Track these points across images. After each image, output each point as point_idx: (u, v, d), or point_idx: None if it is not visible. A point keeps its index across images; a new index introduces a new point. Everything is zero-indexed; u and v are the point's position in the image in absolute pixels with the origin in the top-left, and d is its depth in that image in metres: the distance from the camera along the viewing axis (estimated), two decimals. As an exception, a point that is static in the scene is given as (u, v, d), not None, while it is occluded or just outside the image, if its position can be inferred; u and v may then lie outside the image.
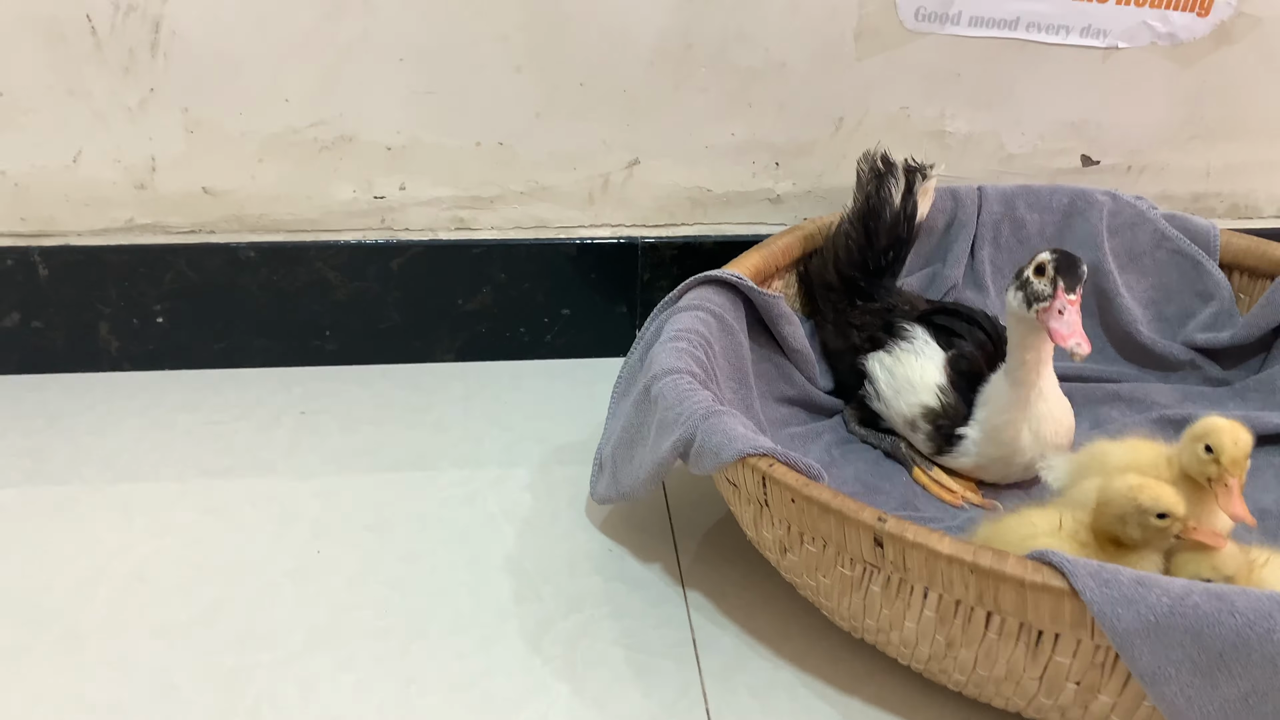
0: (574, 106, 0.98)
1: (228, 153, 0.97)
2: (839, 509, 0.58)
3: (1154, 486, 0.61)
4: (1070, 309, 0.72)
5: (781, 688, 0.67)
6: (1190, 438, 0.65)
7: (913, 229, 0.91)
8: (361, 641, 0.70)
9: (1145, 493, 0.61)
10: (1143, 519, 0.60)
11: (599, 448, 0.82)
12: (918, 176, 0.91)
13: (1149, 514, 0.60)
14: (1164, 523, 0.60)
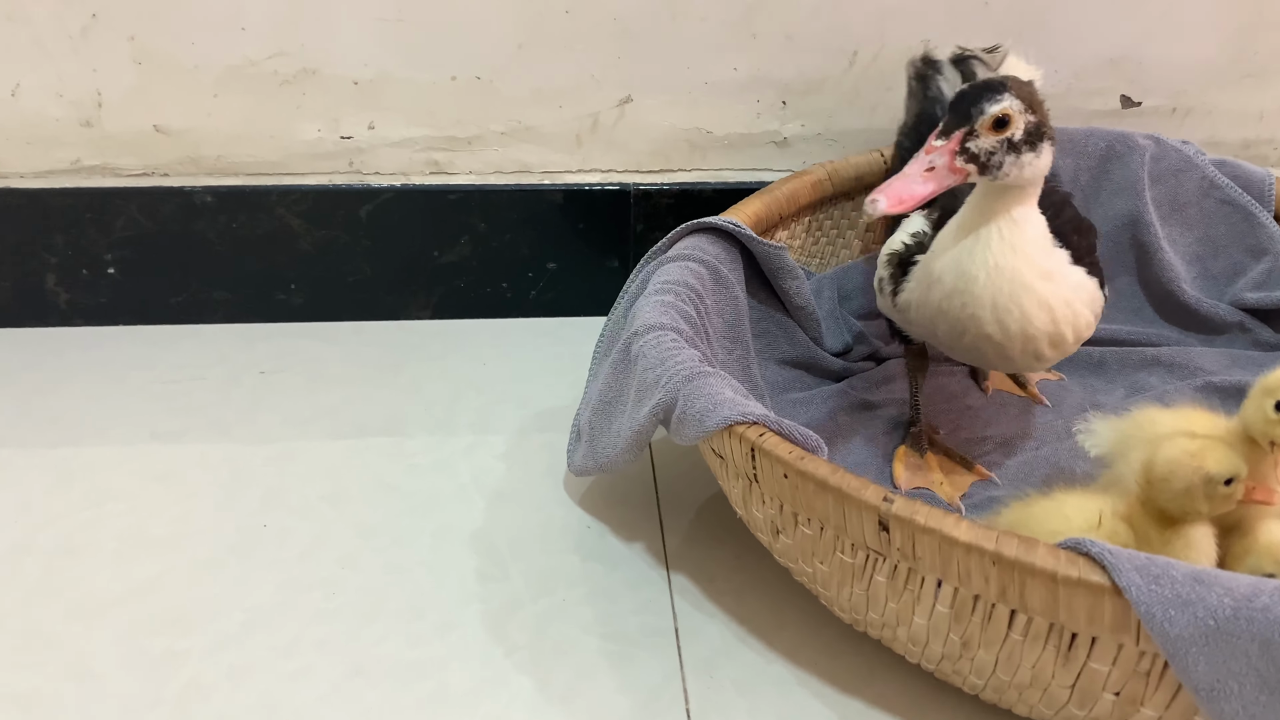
0: (560, 37, 0.89)
1: (180, 87, 0.88)
2: (838, 486, 0.50)
3: (1217, 447, 0.53)
4: (923, 158, 0.58)
5: (772, 683, 0.60)
6: (1262, 390, 0.56)
7: None
8: (305, 625, 0.63)
9: (1211, 456, 0.52)
10: (1211, 488, 0.52)
11: (577, 414, 0.74)
12: (975, 64, 0.77)
13: (1217, 481, 0.52)
14: (1231, 489, 0.52)
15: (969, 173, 0.59)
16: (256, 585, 0.66)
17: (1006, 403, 0.81)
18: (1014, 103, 0.58)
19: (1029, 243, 0.61)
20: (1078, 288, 0.63)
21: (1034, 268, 0.61)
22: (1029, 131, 0.59)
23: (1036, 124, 0.59)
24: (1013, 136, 0.58)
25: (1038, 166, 0.60)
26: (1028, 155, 0.59)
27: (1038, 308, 0.61)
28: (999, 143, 0.58)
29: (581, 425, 0.72)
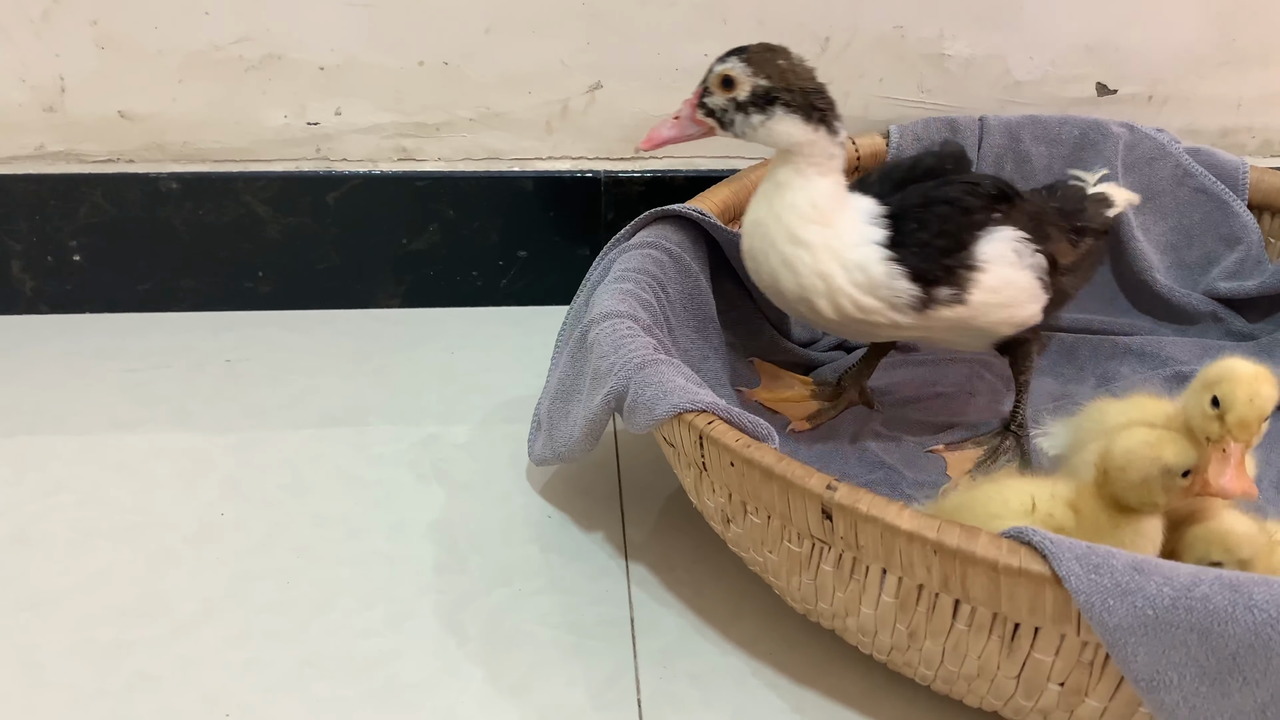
0: (528, 21, 0.88)
1: (144, 72, 0.87)
2: (782, 474, 0.49)
3: (1175, 439, 0.52)
4: (679, 108, 0.65)
5: (727, 675, 0.59)
6: (1201, 383, 0.55)
7: None
8: (257, 615, 0.63)
9: (1170, 448, 0.51)
10: (1169, 480, 0.51)
11: (538, 403, 0.73)
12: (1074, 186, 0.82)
13: (1175, 473, 0.51)
14: (1188, 480, 0.51)
15: (710, 126, 0.65)
16: (210, 576, 0.65)
17: (978, 391, 0.81)
18: (740, 66, 0.62)
19: (787, 207, 0.64)
20: (849, 266, 0.63)
21: (783, 230, 0.64)
22: (756, 95, 0.62)
23: (767, 89, 0.62)
24: (738, 97, 0.63)
25: (775, 131, 0.63)
26: (756, 117, 0.63)
27: (783, 267, 0.64)
28: (728, 101, 0.63)
29: (541, 414, 0.71)
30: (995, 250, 0.65)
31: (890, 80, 0.92)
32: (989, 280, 0.64)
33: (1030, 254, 0.66)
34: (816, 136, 0.63)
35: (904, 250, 0.63)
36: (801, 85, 0.63)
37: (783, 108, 0.62)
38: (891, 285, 0.63)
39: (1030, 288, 0.67)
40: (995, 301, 0.65)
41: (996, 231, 0.65)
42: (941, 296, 0.64)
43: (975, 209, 0.65)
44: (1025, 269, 0.66)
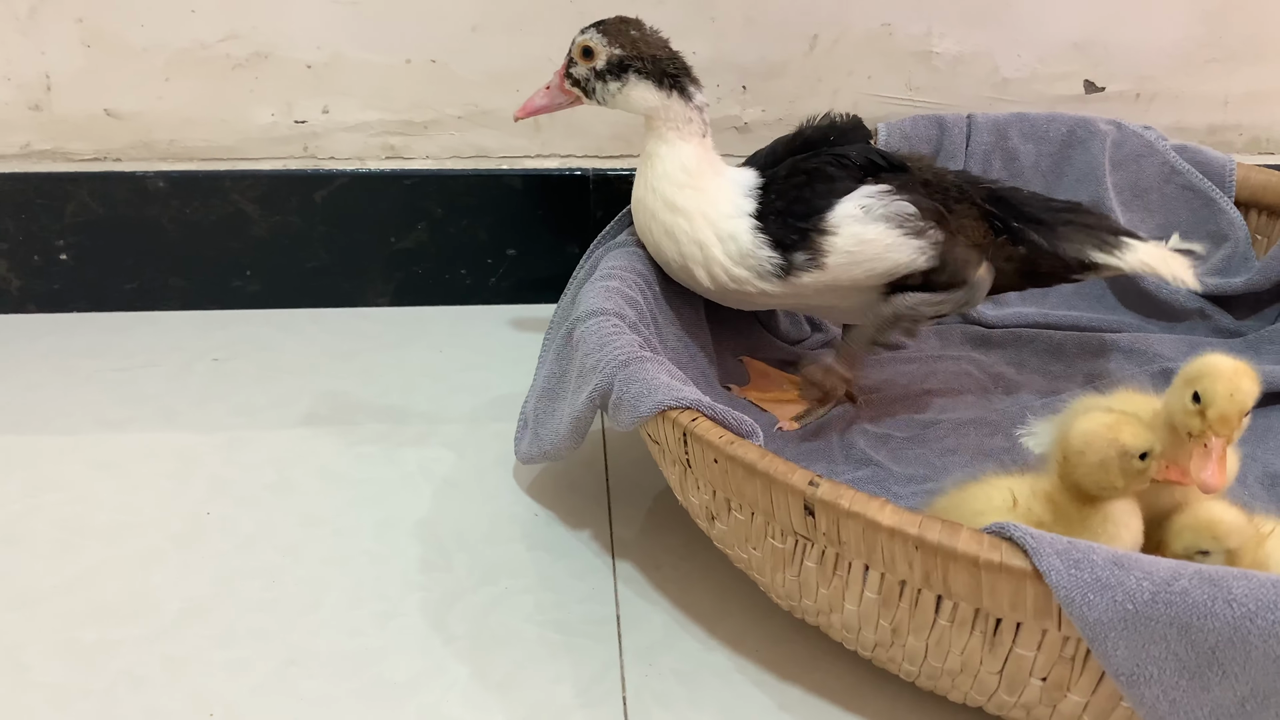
0: (515, 18, 0.88)
1: (131, 70, 0.87)
2: (765, 471, 0.49)
3: (1132, 422, 0.52)
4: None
5: (712, 671, 0.59)
6: (1183, 380, 0.55)
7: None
8: (243, 615, 0.62)
9: (1127, 430, 0.51)
10: (1126, 462, 0.51)
11: (525, 401, 0.73)
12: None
13: (1132, 455, 0.51)
14: (1145, 464, 0.51)
15: (576, 95, 0.70)
16: (196, 575, 0.65)
17: (965, 389, 0.81)
18: (597, 36, 0.68)
19: (659, 176, 0.68)
20: (723, 236, 0.66)
21: (659, 200, 0.67)
22: (611, 63, 0.67)
23: (621, 57, 0.67)
24: (596, 65, 0.68)
25: (630, 97, 0.68)
26: (613, 84, 0.68)
27: (665, 237, 0.68)
28: (589, 70, 0.68)
29: (528, 413, 0.71)
30: (844, 210, 0.66)
31: (879, 78, 0.92)
32: (841, 242, 0.66)
33: (885, 205, 0.66)
34: (670, 101, 0.67)
35: (767, 220, 0.66)
36: (653, 53, 0.67)
37: (635, 74, 0.67)
38: (756, 254, 0.66)
39: (886, 239, 0.66)
40: (852, 260, 0.66)
41: (851, 195, 0.66)
42: (799, 262, 0.66)
43: (836, 177, 0.67)
44: (876, 221, 0.66)
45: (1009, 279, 0.72)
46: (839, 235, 0.65)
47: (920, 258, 0.67)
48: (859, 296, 0.69)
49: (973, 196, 0.71)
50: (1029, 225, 0.70)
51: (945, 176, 0.71)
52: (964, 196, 0.70)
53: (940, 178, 0.71)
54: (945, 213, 0.68)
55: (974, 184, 0.72)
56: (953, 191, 0.70)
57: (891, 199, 0.66)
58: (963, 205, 0.70)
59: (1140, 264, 0.70)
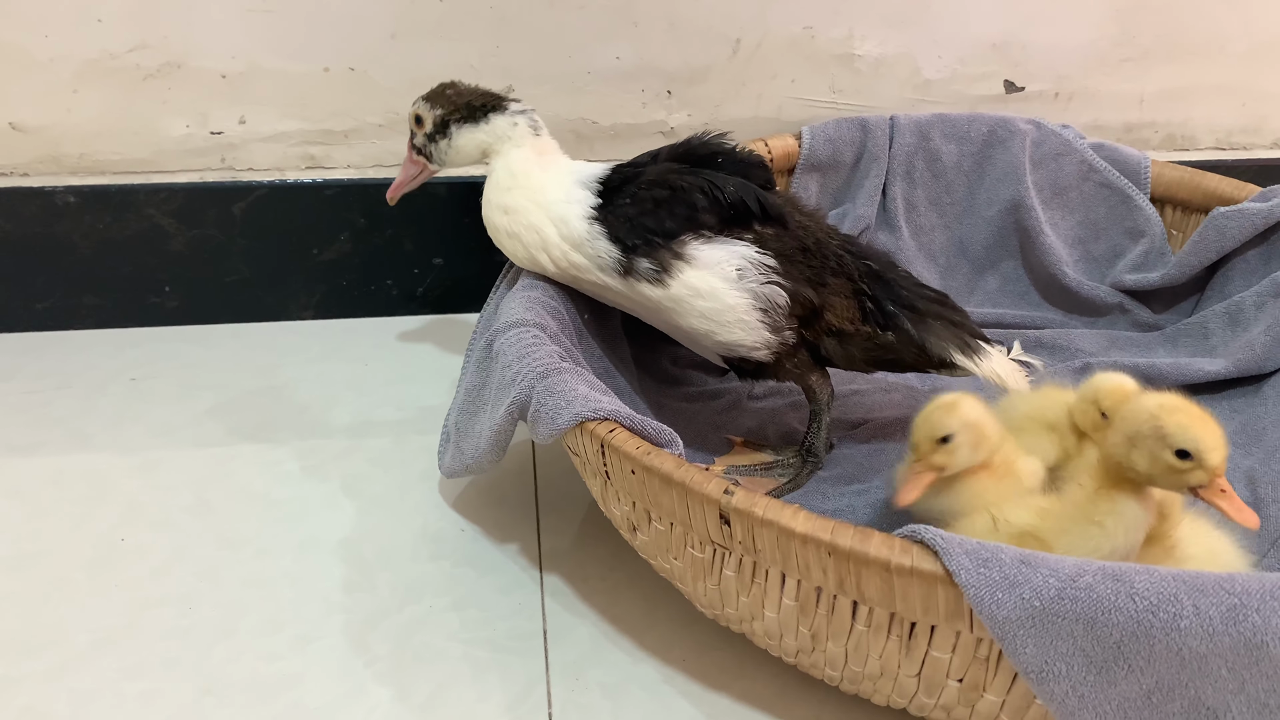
0: (434, 25, 0.86)
1: (37, 82, 0.84)
2: (681, 480, 0.48)
3: (1189, 415, 0.49)
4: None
5: (639, 684, 0.58)
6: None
7: None
8: (157, 643, 0.60)
9: (1173, 418, 0.49)
10: (1157, 449, 0.49)
11: (447, 415, 0.72)
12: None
13: (1167, 445, 0.49)
14: (1182, 464, 0.49)
15: (423, 163, 0.74)
16: (107, 604, 0.63)
17: (892, 388, 0.81)
18: (423, 104, 0.72)
19: (490, 187, 0.70)
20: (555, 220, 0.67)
21: (493, 207, 0.69)
22: (436, 124, 0.71)
23: (441, 116, 0.71)
24: (428, 130, 0.72)
25: (459, 146, 0.71)
26: (442, 142, 0.71)
27: (506, 237, 0.69)
28: (425, 137, 0.72)
29: (450, 426, 0.70)
30: (715, 255, 0.63)
31: (802, 81, 0.93)
32: (694, 279, 0.63)
33: (760, 279, 0.63)
34: (490, 126, 0.70)
35: (609, 214, 0.65)
36: (465, 101, 0.71)
37: (455, 124, 0.71)
38: (593, 244, 0.65)
39: (744, 314, 0.63)
40: (698, 307, 0.64)
41: (730, 243, 0.64)
42: (641, 269, 0.64)
43: (700, 207, 0.64)
44: (743, 291, 0.63)
45: (859, 364, 0.69)
46: (695, 271, 0.63)
47: (761, 351, 0.65)
48: (713, 346, 0.67)
49: (851, 271, 0.67)
50: (903, 311, 0.67)
51: (829, 243, 0.67)
52: (842, 269, 0.67)
53: (823, 244, 0.67)
54: (815, 302, 0.65)
55: (856, 256, 0.68)
56: (832, 262, 0.66)
57: (768, 277, 0.63)
58: (839, 280, 0.66)
59: (991, 373, 0.67)
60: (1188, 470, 0.49)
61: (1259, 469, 0.69)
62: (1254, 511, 0.50)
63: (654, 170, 0.67)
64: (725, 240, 0.64)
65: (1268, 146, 1.02)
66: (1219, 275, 0.84)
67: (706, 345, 0.67)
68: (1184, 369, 0.78)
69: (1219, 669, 0.40)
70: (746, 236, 0.65)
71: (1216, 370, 0.77)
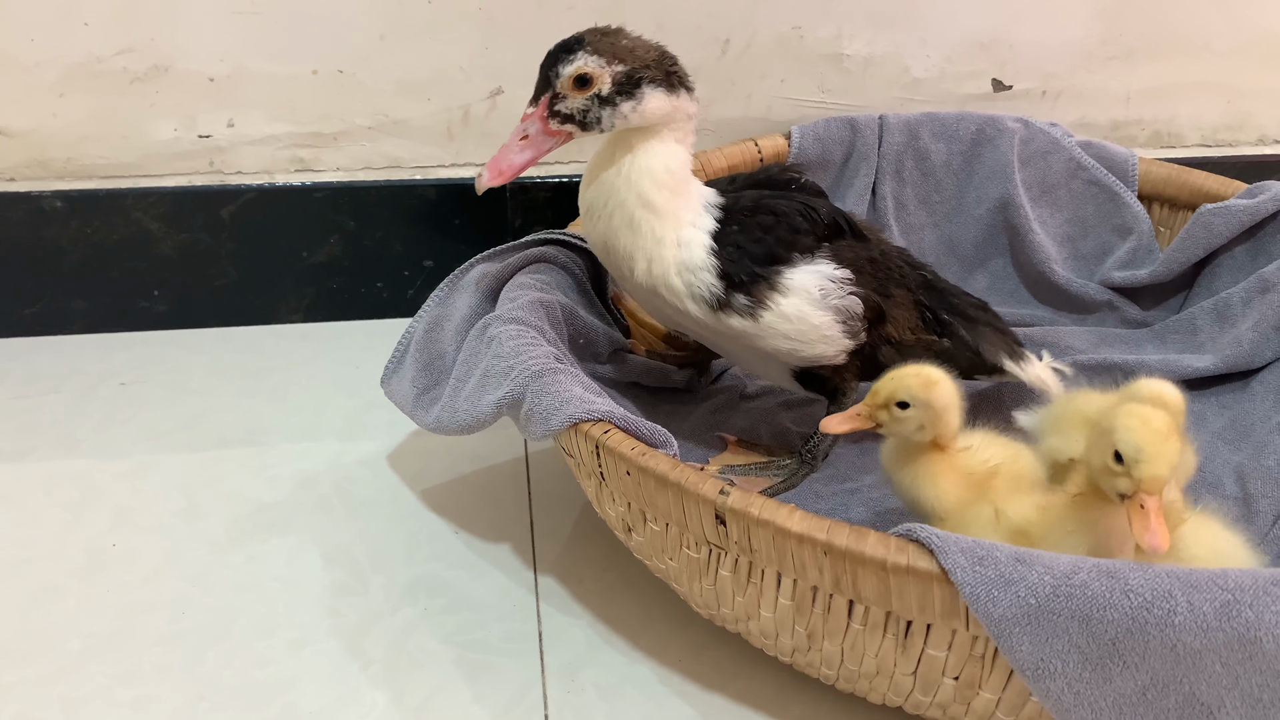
0: (423, 26, 0.86)
1: (22, 86, 0.84)
2: (677, 481, 0.48)
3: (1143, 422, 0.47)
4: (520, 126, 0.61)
5: (635, 684, 0.59)
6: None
7: None
8: (149, 649, 0.60)
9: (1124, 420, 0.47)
10: (1103, 446, 0.47)
11: (409, 328, 0.71)
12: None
13: (1110, 444, 0.47)
14: (1115, 467, 0.47)
15: (569, 133, 0.61)
16: (98, 610, 0.63)
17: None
18: (590, 59, 0.59)
19: (641, 171, 0.61)
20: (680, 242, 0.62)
21: (634, 193, 0.61)
22: (618, 83, 0.59)
23: (627, 73, 0.59)
24: (600, 91, 0.59)
25: (646, 112, 0.60)
26: (625, 105, 0.59)
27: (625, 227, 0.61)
28: (589, 100, 0.59)
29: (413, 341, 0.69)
30: (803, 280, 0.62)
31: (791, 81, 0.93)
32: (786, 306, 0.62)
33: (841, 295, 0.63)
34: (680, 103, 0.62)
35: (723, 246, 0.62)
36: (654, 58, 0.61)
37: (649, 85, 0.60)
38: (699, 275, 0.61)
39: (827, 330, 0.63)
40: (784, 330, 0.63)
41: (814, 263, 0.63)
42: (737, 304, 0.62)
43: (801, 229, 0.63)
44: (826, 310, 0.63)
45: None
46: (786, 299, 0.62)
47: (841, 357, 0.65)
48: (775, 368, 0.67)
49: (910, 281, 0.68)
50: (957, 319, 0.68)
51: (891, 256, 0.68)
52: (904, 280, 0.68)
53: (887, 257, 0.68)
54: (883, 308, 0.66)
55: (913, 267, 0.70)
56: (895, 274, 0.67)
57: (848, 290, 0.63)
58: (901, 291, 0.67)
59: (1036, 378, 0.68)
60: (1118, 475, 0.48)
61: (1248, 464, 0.70)
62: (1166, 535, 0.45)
63: (749, 195, 0.65)
64: (808, 261, 0.63)
65: (1253, 143, 1.03)
66: (1206, 272, 0.85)
67: (781, 362, 0.65)
68: (1173, 365, 0.78)
69: (1213, 664, 0.40)
70: (823, 254, 0.64)
71: (1205, 366, 0.78)
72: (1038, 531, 0.52)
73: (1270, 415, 0.72)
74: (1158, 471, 0.46)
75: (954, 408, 0.57)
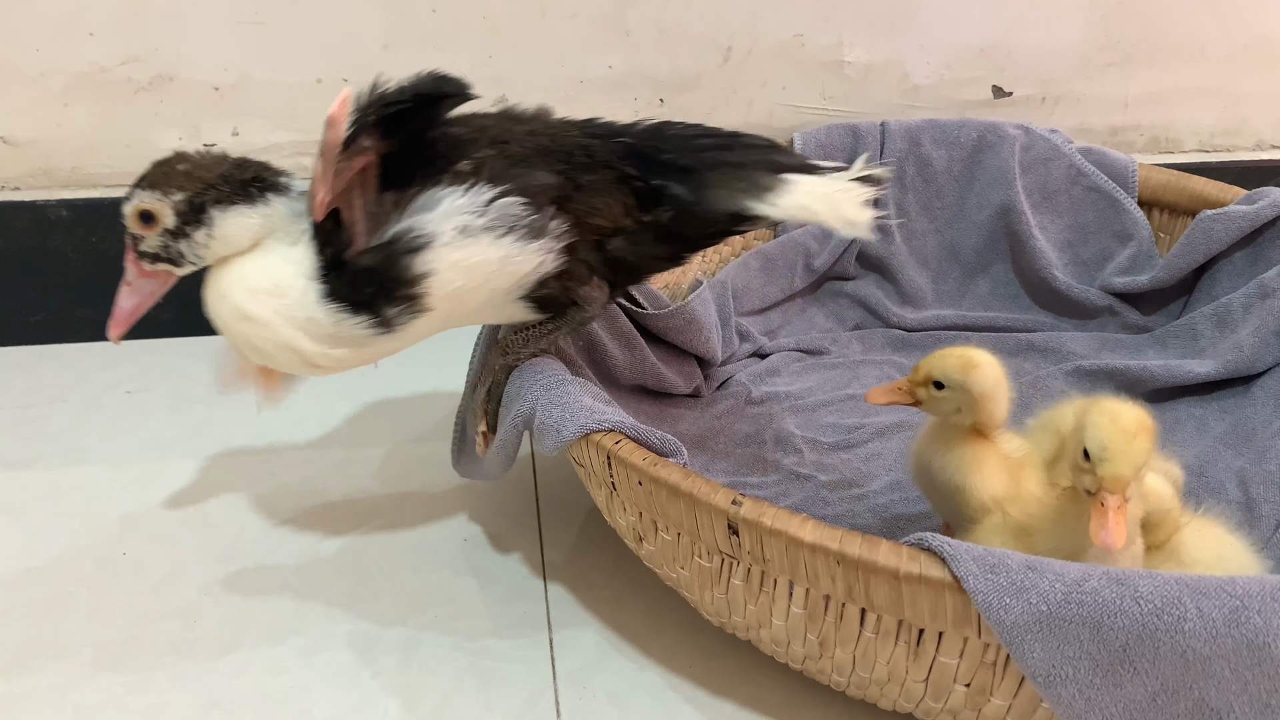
0: (427, 36, 0.86)
1: (27, 95, 0.84)
2: (689, 491, 0.49)
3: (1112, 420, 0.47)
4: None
5: (645, 691, 0.59)
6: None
7: None
8: (161, 657, 0.60)
9: (1095, 418, 0.47)
10: (1075, 442, 0.48)
11: (458, 411, 0.71)
12: None
13: (1080, 441, 0.47)
14: (1083, 464, 0.47)
15: (165, 271, 0.56)
16: (109, 619, 0.63)
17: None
18: (146, 194, 0.54)
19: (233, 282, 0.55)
20: (305, 325, 0.54)
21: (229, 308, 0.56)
22: (181, 214, 0.53)
23: (187, 200, 0.53)
24: (167, 225, 0.54)
25: (228, 237, 0.54)
26: (199, 234, 0.54)
27: (248, 349, 0.57)
28: (161, 236, 0.54)
29: (464, 423, 0.69)
30: (436, 236, 0.52)
31: (792, 88, 0.93)
32: (443, 280, 0.53)
33: (487, 216, 0.53)
34: (271, 209, 0.55)
35: (338, 284, 0.53)
36: (218, 176, 0.54)
37: (217, 207, 0.53)
38: (340, 327, 0.53)
39: (497, 251, 0.54)
40: (467, 287, 0.54)
41: (432, 212, 0.53)
42: (392, 317, 0.54)
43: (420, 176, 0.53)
44: (477, 237, 0.53)
45: (662, 260, 0.60)
46: (438, 274, 0.53)
47: (548, 259, 0.55)
48: (497, 307, 0.58)
49: (605, 158, 0.57)
50: (672, 179, 0.57)
51: (568, 135, 0.57)
52: (594, 161, 0.57)
53: (559, 139, 0.57)
54: (571, 189, 0.55)
55: (606, 138, 0.58)
56: (579, 156, 0.57)
57: (491, 202, 0.53)
58: (594, 175, 0.57)
59: (797, 208, 0.55)
60: (1085, 471, 0.48)
61: (1250, 469, 0.70)
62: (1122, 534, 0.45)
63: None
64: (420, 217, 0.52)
65: (1249, 148, 1.04)
66: (1206, 277, 0.86)
67: (506, 303, 0.57)
68: (1174, 370, 0.79)
69: (1222, 670, 0.41)
70: (447, 180, 0.53)
71: (1206, 372, 0.78)
72: (1035, 525, 0.53)
73: (1271, 420, 0.73)
74: (1120, 471, 0.46)
75: (995, 395, 0.55)
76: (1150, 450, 0.48)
